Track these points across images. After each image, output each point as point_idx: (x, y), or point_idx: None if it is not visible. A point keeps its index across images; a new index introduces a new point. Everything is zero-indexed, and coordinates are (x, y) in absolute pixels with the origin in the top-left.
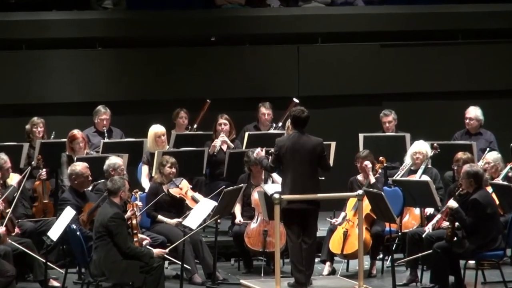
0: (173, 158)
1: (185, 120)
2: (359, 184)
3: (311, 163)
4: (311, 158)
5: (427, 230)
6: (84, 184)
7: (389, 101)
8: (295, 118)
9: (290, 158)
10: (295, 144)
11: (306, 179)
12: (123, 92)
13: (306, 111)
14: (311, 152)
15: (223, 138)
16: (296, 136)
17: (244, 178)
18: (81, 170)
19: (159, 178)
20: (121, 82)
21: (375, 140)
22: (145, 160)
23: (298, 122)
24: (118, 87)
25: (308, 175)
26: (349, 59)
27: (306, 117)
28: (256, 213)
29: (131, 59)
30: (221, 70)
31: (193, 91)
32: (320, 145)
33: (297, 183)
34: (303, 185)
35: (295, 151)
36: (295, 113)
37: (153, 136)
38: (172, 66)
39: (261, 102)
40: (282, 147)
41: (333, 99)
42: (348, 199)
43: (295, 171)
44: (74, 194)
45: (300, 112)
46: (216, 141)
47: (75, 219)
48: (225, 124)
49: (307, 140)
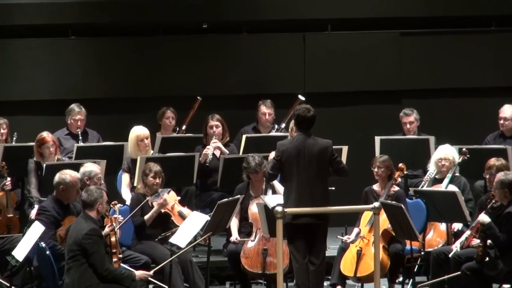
0: (158, 165)
1: (172, 121)
2: (376, 195)
3: (319, 170)
4: (319, 164)
5: (455, 249)
6: (71, 196)
7: (410, 99)
8: (300, 118)
9: (294, 165)
10: (300, 148)
11: (313, 189)
12: (101, 88)
13: (313, 110)
14: (319, 157)
15: (216, 143)
16: (300, 139)
17: (242, 188)
18: (72, 181)
19: (142, 189)
20: (98, 77)
21: (394, 144)
22: (125, 167)
23: (303, 122)
24: (94, 83)
25: (315, 184)
26: (363, 49)
27: (312, 116)
28: (254, 229)
29: (110, 50)
30: (214, 63)
31: (181, 87)
32: (328, 148)
33: (302, 194)
34: (310, 196)
35: (300, 156)
36: (299, 112)
37: (135, 139)
38: (158, 58)
39: (261, 100)
40: (284, 151)
41: (345, 97)
42: (363, 212)
43: (300, 180)
44: (56, 205)
45: (305, 110)
46: (207, 148)
47: (50, 235)
48: (217, 126)
49: (314, 143)
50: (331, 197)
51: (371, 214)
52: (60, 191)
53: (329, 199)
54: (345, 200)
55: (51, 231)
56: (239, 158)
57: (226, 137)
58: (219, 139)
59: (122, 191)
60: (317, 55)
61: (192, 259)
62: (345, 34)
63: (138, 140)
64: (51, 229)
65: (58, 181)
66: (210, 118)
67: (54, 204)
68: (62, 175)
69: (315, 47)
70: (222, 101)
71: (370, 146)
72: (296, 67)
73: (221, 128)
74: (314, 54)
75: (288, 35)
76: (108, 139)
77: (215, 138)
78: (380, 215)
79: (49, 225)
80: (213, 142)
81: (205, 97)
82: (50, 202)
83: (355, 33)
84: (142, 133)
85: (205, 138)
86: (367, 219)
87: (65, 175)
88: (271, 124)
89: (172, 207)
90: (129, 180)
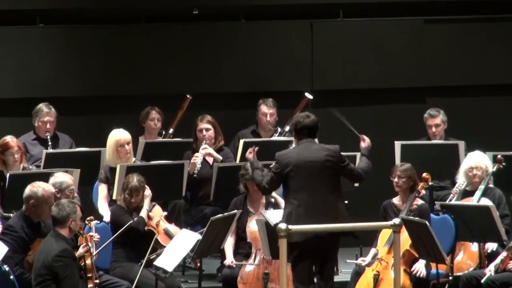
0: (141, 176)
1: (158, 123)
2: (396, 209)
3: (327, 180)
4: (327, 173)
5: (488, 273)
6: (43, 213)
7: (436, 97)
8: (299, 126)
9: (298, 177)
10: (303, 156)
11: (321, 203)
12: (74, 85)
13: (312, 116)
14: (326, 165)
15: (206, 149)
16: (303, 147)
17: (239, 201)
18: (45, 196)
19: (123, 203)
20: (71, 72)
21: (417, 150)
22: (102, 177)
23: (303, 129)
24: (66, 78)
25: (324, 196)
26: (380, 40)
27: (313, 122)
28: (253, 250)
29: (85, 40)
30: (206, 55)
31: (168, 83)
32: (335, 154)
33: (309, 209)
34: (318, 210)
35: (304, 166)
36: (297, 119)
37: (114, 145)
38: (140, 49)
39: (261, 99)
40: (284, 163)
41: (359, 95)
42: (380, 230)
43: (306, 193)
44: (25, 223)
45: (303, 116)
46: (196, 156)
47: (17, 260)
48: (207, 129)
49: (319, 149)
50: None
51: (390, 233)
52: (31, 206)
53: (344, 212)
54: (360, 216)
55: (17, 256)
56: (236, 166)
57: (220, 141)
58: (211, 144)
59: (98, 205)
60: (327, 46)
61: (181, 285)
62: (360, 22)
63: (117, 146)
64: (17, 253)
65: (29, 194)
66: (199, 120)
67: (23, 222)
68: (34, 188)
69: (324, 37)
70: (216, 100)
71: (389, 152)
72: (302, 60)
73: (212, 131)
74: (324, 45)
75: (293, 22)
76: (83, 144)
77: (206, 143)
78: (400, 233)
79: (15, 248)
80: (202, 148)
81: (196, 96)
82: (18, 220)
83: (371, 21)
84: (122, 138)
85: (195, 143)
86: (385, 238)
87: (37, 188)
88: (273, 127)
89: (157, 224)
90: (106, 192)
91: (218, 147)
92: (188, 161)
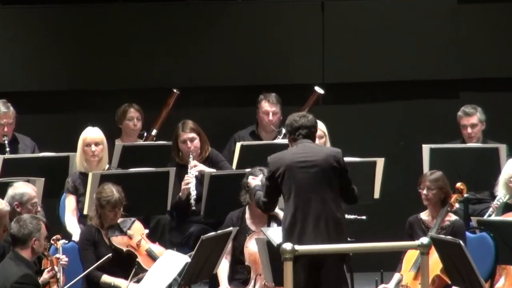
0: (118, 186)
1: (137, 123)
2: (424, 226)
3: (327, 189)
4: (325, 180)
5: None
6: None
7: (472, 92)
8: (293, 126)
9: (292, 184)
10: (298, 157)
11: (320, 213)
12: (36, 78)
13: (310, 115)
14: (324, 170)
15: (197, 167)
16: (299, 146)
17: (236, 217)
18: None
19: (95, 220)
20: (33, 62)
21: (450, 155)
22: (69, 186)
23: (296, 131)
24: (27, 70)
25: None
26: (405, 23)
27: (310, 123)
28: (253, 275)
29: (49, 23)
30: (196, 41)
31: (151, 76)
32: (336, 157)
33: (307, 220)
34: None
35: (298, 170)
36: (292, 119)
37: (81, 144)
38: (117, 34)
39: (262, 94)
40: (276, 166)
41: (379, 89)
42: (406, 252)
43: (302, 202)
44: None
45: (299, 116)
46: (187, 178)
47: None
48: (191, 139)
49: (317, 150)
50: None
51: (417, 254)
52: None
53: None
54: (381, 234)
55: None
56: (232, 175)
57: (206, 150)
58: (197, 157)
59: (66, 220)
60: (340, 31)
61: None
62: (381, 1)
63: (84, 145)
64: None
65: None
66: (180, 130)
67: None
68: None
69: (338, 20)
70: (207, 96)
71: (415, 158)
72: (311, 47)
73: (198, 140)
74: (337, 29)
75: (300, 2)
76: (48, 148)
77: (192, 156)
78: (430, 255)
79: None
80: (191, 166)
81: (184, 90)
82: None
83: (394, 0)
84: (89, 136)
85: (177, 155)
86: (412, 260)
87: None
88: (276, 128)
89: (138, 244)
90: (75, 205)
91: (206, 157)
92: (175, 169)
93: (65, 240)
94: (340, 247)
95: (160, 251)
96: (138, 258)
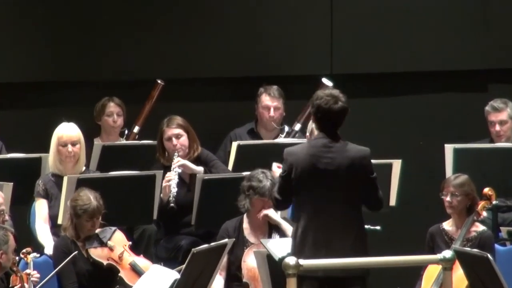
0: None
1: (118, 119)
2: (447, 238)
3: (349, 195)
4: (349, 185)
5: None
6: None
7: (502, 84)
8: (321, 112)
9: (310, 185)
10: (319, 157)
11: (340, 224)
12: (4, 69)
13: (342, 99)
14: (349, 174)
15: (180, 161)
16: (320, 144)
17: (232, 227)
18: None
19: (70, 231)
20: (3, 51)
21: (476, 156)
22: (40, 189)
23: (325, 119)
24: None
25: (344, 216)
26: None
27: (341, 109)
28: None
29: (21, 8)
30: (185, 26)
31: (133, 66)
32: (364, 160)
33: (324, 232)
34: (335, 235)
35: (318, 172)
36: (320, 102)
37: (55, 142)
38: (96, 20)
39: (262, 87)
40: (294, 163)
41: (395, 81)
42: (426, 266)
43: (320, 209)
44: None
45: (329, 100)
46: (168, 176)
47: None
48: (178, 136)
49: (342, 150)
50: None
51: (439, 270)
52: None
53: (365, 242)
54: (397, 247)
55: None
56: (227, 179)
57: (195, 149)
58: (184, 156)
59: (37, 229)
60: (351, 16)
61: None
62: None
63: (59, 145)
64: None
65: None
66: (165, 125)
67: None
68: None
69: (349, 2)
70: (198, 88)
71: (437, 160)
72: (318, 33)
73: (185, 137)
74: (347, 14)
75: None
76: (17, 149)
77: (178, 155)
78: (453, 270)
79: None
80: (175, 163)
81: (171, 81)
82: None
83: None
84: (65, 134)
85: (162, 156)
86: (433, 277)
87: None
88: (278, 125)
89: (120, 257)
90: (47, 213)
91: (195, 157)
92: (162, 172)
93: (36, 254)
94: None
95: (146, 264)
96: (120, 272)
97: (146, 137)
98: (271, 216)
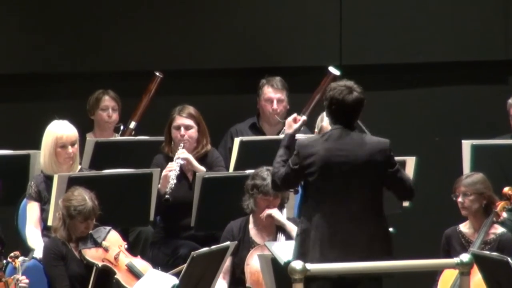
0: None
1: (113, 114)
2: (464, 241)
3: (369, 191)
4: (369, 179)
5: None
6: None
7: None
8: (334, 104)
9: (324, 181)
10: (335, 151)
11: (357, 223)
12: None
13: (357, 90)
14: (368, 167)
15: (184, 153)
16: (336, 136)
17: (237, 228)
18: None
19: (61, 232)
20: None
21: (495, 153)
22: (33, 192)
23: (340, 110)
24: None
25: (362, 216)
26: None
27: (356, 100)
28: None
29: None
30: (185, 14)
31: (130, 57)
32: (385, 152)
33: (337, 234)
34: (353, 235)
35: (334, 165)
36: (333, 93)
37: (53, 144)
38: (89, 7)
39: (265, 78)
40: (308, 156)
41: (409, 73)
42: (442, 271)
43: (336, 206)
44: None
45: (343, 91)
46: (169, 167)
47: None
48: (187, 127)
49: (360, 142)
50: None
51: (456, 275)
52: None
53: (387, 242)
54: (411, 250)
55: None
56: (229, 177)
57: (204, 145)
58: (191, 149)
59: (27, 233)
60: (362, 3)
61: None
62: None
63: (57, 146)
64: None
65: None
66: (176, 113)
67: None
68: None
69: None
70: (198, 81)
71: (454, 156)
72: (326, 21)
73: (195, 130)
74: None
75: None
76: (3, 145)
77: (183, 147)
78: (471, 275)
79: None
80: (179, 152)
81: (170, 73)
82: None
83: None
84: (65, 135)
85: (168, 146)
86: (449, 282)
87: None
88: (282, 119)
89: (116, 258)
90: (39, 214)
91: (202, 154)
92: (159, 170)
93: (24, 258)
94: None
95: (144, 266)
96: (117, 274)
97: (143, 133)
98: (275, 216)
